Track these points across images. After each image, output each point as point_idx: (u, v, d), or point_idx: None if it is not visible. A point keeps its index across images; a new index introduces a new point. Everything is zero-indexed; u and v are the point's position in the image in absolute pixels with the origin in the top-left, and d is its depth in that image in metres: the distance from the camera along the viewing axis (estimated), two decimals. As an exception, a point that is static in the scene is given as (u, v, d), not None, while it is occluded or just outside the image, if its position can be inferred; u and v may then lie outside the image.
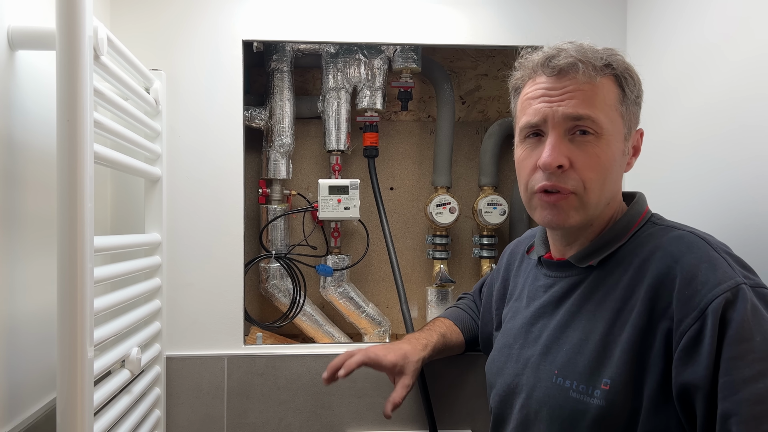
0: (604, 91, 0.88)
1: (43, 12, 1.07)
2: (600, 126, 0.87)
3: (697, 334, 0.75)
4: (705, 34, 1.18)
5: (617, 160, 0.90)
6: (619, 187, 0.94)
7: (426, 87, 1.85)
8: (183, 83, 1.42)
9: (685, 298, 0.78)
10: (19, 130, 0.99)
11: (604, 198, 0.90)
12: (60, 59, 0.83)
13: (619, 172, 0.92)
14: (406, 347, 1.19)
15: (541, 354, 0.93)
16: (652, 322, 0.81)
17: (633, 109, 0.91)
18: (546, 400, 0.90)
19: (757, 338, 0.72)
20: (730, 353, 0.72)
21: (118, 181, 1.43)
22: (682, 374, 0.76)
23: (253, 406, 1.44)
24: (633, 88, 0.91)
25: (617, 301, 0.86)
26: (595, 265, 0.92)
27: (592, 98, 0.87)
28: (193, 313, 1.43)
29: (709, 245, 0.82)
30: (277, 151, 1.64)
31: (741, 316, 0.73)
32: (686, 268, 0.80)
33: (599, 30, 1.51)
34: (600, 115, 0.87)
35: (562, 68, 0.88)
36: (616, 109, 0.89)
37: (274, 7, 1.45)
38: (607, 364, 0.83)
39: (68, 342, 0.85)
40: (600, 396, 0.82)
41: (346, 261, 1.68)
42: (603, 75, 0.88)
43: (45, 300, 1.06)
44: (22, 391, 1.01)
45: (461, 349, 1.31)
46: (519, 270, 1.11)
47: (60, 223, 0.84)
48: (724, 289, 0.75)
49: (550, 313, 0.96)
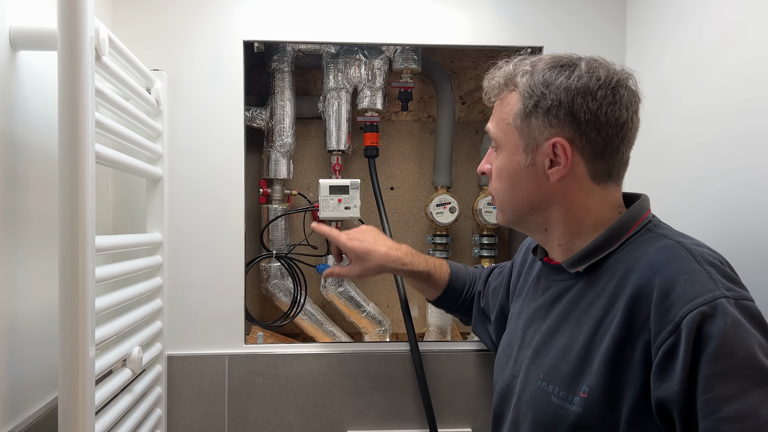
0: (504, 105, 0.94)
1: (45, 12, 1.07)
2: (496, 140, 0.96)
3: (672, 349, 0.74)
4: (704, 34, 1.19)
5: (519, 171, 0.92)
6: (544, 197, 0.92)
7: (426, 87, 1.85)
8: (184, 83, 1.43)
9: (662, 311, 0.76)
10: (20, 130, 0.99)
11: (509, 206, 0.96)
12: (62, 59, 0.83)
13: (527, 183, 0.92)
14: (381, 250, 1.25)
15: (532, 357, 0.95)
16: (632, 334, 0.80)
17: (537, 122, 0.89)
18: (532, 403, 0.91)
19: (740, 353, 0.70)
20: (710, 370, 0.70)
21: (119, 181, 1.44)
22: (658, 389, 0.75)
23: (253, 405, 1.44)
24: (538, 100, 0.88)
25: (600, 310, 0.85)
26: (582, 272, 0.92)
27: (494, 114, 0.97)
28: (194, 313, 1.44)
29: (692, 257, 0.80)
30: (277, 151, 1.64)
31: (721, 332, 0.71)
32: (664, 281, 0.78)
33: (599, 31, 1.51)
34: (494, 130, 0.96)
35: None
36: (509, 123, 0.92)
37: (274, 7, 1.45)
38: (587, 372, 0.83)
39: (70, 341, 0.85)
40: (578, 403, 0.82)
41: (346, 261, 1.68)
42: (510, 91, 0.94)
43: (47, 299, 1.06)
44: (24, 389, 1.01)
45: (433, 295, 1.34)
46: (531, 267, 1.11)
47: (62, 223, 0.84)
48: (701, 303, 0.73)
49: (542, 317, 0.97)
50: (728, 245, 0.99)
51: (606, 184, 0.91)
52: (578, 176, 0.90)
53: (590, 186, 0.91)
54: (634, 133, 0.91)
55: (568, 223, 0.93)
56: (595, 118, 0.87)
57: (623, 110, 0.88)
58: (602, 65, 0.89)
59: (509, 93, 0.93)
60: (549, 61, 0.91)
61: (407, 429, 1.46)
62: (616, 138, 0.88)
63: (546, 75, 0.89)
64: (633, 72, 0.91)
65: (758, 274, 1.01)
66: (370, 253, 1.25)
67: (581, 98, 0.86)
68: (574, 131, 0.87)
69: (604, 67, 0.88)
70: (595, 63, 0.89)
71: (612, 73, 0.88)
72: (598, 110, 0.86)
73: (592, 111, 0.86)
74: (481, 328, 1.31)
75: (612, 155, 0.89)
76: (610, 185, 0.92)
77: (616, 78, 0.88)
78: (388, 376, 1.46)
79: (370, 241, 1.27)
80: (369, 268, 1.26)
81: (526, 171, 0.91)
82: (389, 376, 1.46)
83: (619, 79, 0.88)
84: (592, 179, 0.90)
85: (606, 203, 0.92)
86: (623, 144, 0.90)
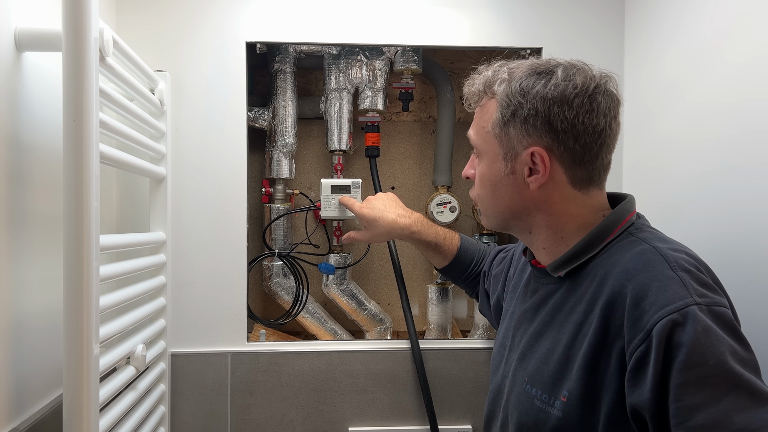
0: (484, 113, 0.94)
1: (50, 14, 1.08)
2: (476, 147, 0.97)
3: (643, 357, 0.74)
4: (702, 35, 1.19)
5: (500, 179, 0.92)
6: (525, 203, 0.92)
7: (427, 88, 1.86)
8: (187, 84, 1.44)
9: (634, 318, 0.76)
10: (26, 131, 1.00)
11: (492, 212, 0.98)
12: (66, 60, 0.84)
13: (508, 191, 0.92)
14: (388, 217, 1.32)
15: (518, 360, 0.96)
16: (608, 340, 0.80)
17: (515, 131, 0.88)
18: (517, 405, 0.92)
19: (710, 362, 0.70)
20: (681, 379, 0.70)
21: (123, 181, 1.45)
22: (631, 396, 0.75)
23: (256, 402, 1.45)
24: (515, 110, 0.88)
25: (580, 315, 0.86)
26: (563, 276, 0.92)
27: (475, 121, 0.98)
28: (197, 311, 1.45)
29: (666, 263, 0.79)
30: (280, 151, 1.65)
31: (691, 340, 0.71)
32: (637, 288, 0.78)
33: (598, 32, 1.52)
34: (475, 137, 0.97)
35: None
36: (488, 131, 0.92)
37: (277, 9, 1.46)
38: (567, 376, 0.84)
39: (74, 339, 0.86)
40: (559, 407, 0.83)
41: (348, 259, 1.70)
42: (489, 98, 0.94)
43: (51, 297, 1.07)
44: (29, 387, 1.02)
45: (440, 264, 1.39)
46: (525, 267, 1.11)
47: (66, 222, 0.85)
48: (671, 311, 0.73)
49: (529, 320, 0.97)
50: (726, 242, 1.00)
51: (587, 189, 0.91)
52: (558, 183, 0.89)
53: (571, 192, 0.90)
54: (614, 138, 0.90)
55: (551, 228, 0.93)
56: (572, 127, 0.85)
57: (600, 117, 0.86)
58: (580, 71, 0.87)
59: (489, 100, 0.93)
60: (527, 68, 0.90)
61: (408, 426, 1.48)
62: (595, 145, 0.87)
63: (523, 83, 0.88)
64: (613, 74, 0.90)
65: (755, 273, 1.01)
66: (377, 220, 1.32)
67: (557, 107, 0.85)
68: (552, 140, 0.87)
69: (582, 73, 0.87)
70: (573, 69, 0.87)
71: (589, 80, 0.86)
72: (575, 119, 0.85)
73: (569, 120, 0.85)
74: (487, 309, 1.32)
75: (591, 161, 0.88)
76: (592, 190, 0.91)
77: (594, 84, 0.86)
78: (389, 374, 1.48)
79: (379, 208, 1.33)
80: (378, 234, 1.34)
81: (507, 179, 0.92)
82: (390, 374, 1.48)
83: (597, 85, 0.87)
84: (573, 185, 0.90)
85: (588, 207, 0.92)
86: (602, 150, 0.89)
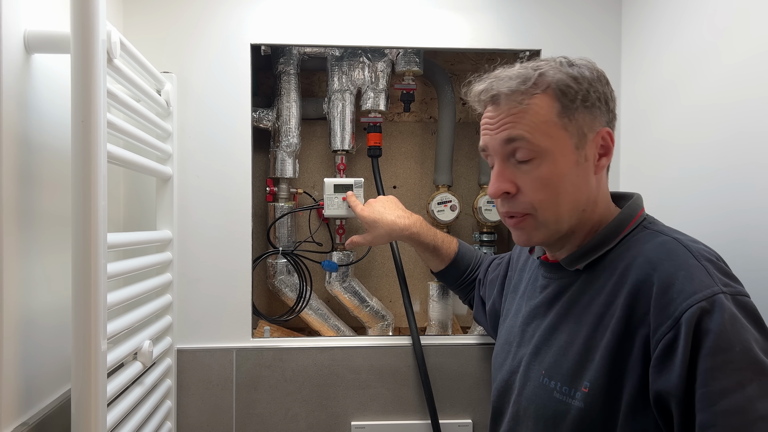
0: (536, 110, 0.87)
1: (59, 16, 1.09)
2: (536, 146, 0.87)
3: (672, 343, 0.75)
4: (698, 37, 1.20)
5: (568, 174, 0.88)
6: (591, 193, 0.91)
7: (428, 89, 1.87)
8: (193, 86, 1.46)
9: (661, 306, 0.77)
10: (35, 131, 1.01)
11: (565, 212, 0.90)
12: (74, 62, 0.85)
13: (579, 182, 0.90)
14: (388, 219, 1.34)
15: (532, 354, 0.96)
16: (631, 329, 0.81)
17: (582, 115, 0.88)
18: (533, 399, 0.92)
19: (736, 348, 0.71)
20: (708, 364, 0.72)
21: (130, 180, 1.46)
22: (657, 382, 0.76)
23: (260, 397, 1.47)
24: (576, 95, 0.88)
25: (600, 306, 0.86)
26: (582, 269, 0.93)
27: (523, 121, 0.88)
28: (203, 308, 1.47)
29: (690, 253, 0.81)
30: (284, 150, 1.67)
31: (718, 327, 0.72)
32: (663, 276, 0.79)
33: (595, 34, 1.53)
34: (535, 136, 0.87)
35: (493, 99, 0.92)
36: (554, 124, 0.87)
37: (281, 12, 1.48)
38: (588, 367, 0.84)
39: (82, 335, 0.87)
40: (580, 398, 0.84)
41: (350, 257, 1.71)
42: (531, 95, 0.88)
43: (60, 294, 1.08)
44: (38, 382, 1.03)
45: (436, 267, 1.41)
46: (525, 266, 1.13)
47: (75, 221, 0.86)
48: (700, 299, 0.74)
49: (542, 314, 0.98)
50: (720, 242, 1.01)
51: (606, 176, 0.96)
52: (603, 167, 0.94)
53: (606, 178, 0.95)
54: None
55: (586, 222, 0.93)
56: (614, 101, 0.93)
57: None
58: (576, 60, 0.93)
59: (532, 97, 0.88)
60: (551, 62, 0.91)
61: (409, 420, 1.49)
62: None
63: (566, 71, 0.89)
64: None
65: (751, 272, 1.01)
66: (377, 221, 1.33)
67: (604, 86, 0.91)
68: (610, 117, 0.92)
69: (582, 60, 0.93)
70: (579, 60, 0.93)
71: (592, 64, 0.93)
72: (612, 93, 0.92)
73: (612, 96, 0.92)
74: (482, 316, 1.33)
75: None
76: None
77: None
78: (391, 369, 1.49)
79: (379, 210, 1.35)
80: (378, 236, 1.35)
81: (579, 169, 0.89)
82: (392, 369, 1.49)
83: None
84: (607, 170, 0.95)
85: (606, 198, 0.95)
86: None
